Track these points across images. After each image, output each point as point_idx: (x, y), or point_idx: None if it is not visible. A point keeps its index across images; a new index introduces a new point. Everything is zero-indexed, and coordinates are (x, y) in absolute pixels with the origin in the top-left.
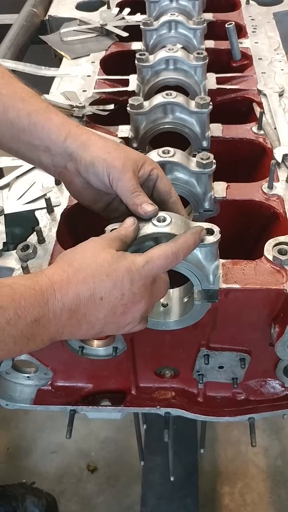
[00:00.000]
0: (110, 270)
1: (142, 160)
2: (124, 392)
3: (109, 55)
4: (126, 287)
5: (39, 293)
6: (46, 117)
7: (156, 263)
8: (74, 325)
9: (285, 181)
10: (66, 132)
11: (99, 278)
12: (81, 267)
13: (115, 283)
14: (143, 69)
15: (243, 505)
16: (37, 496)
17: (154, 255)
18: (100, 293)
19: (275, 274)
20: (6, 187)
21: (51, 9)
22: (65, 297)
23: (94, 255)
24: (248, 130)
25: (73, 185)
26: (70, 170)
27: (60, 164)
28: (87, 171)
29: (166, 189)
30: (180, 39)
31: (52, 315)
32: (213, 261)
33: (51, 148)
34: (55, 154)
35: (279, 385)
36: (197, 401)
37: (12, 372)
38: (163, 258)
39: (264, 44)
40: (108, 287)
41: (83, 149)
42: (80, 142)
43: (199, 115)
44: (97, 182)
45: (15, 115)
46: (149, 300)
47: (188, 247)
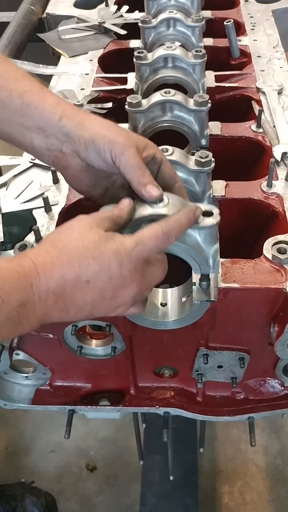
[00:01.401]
0: (96, 253)
1: (144, 142)
2: (123, 391)
3: (107, 53)
4: (114, 270)
5: (22, 276)
6: (39, 96)
7: (147, 244)
8: (61, 309)
9: (284, 179)
10: (60, 111)
11: (84, 261)
12: (66, 248)
13: (101, 266)
14: (142, 67)
15: (243, 504)
16: (36, 495)
17: (144, 236)
18: (86, 276)
19: (274, 273)
20: (4, 186)
21: (49, 7)
22: (50, 280)
23: (81, 236)
24: (247, 128)
25: (70, 169)
26: (66, 153)
27: (55, 146)
28: (87, 149)
29: (171, 173)
30: (179, 37)
31: (37, 298)
32: (213, 244)
33: (45, 129)
34: (49, 135)
35: (279, 385)
36: (196, 401)
37: (10, 372)
38: (153, 239)
39: (263, 41)
40: (94, 270)
41: (81, 128)
42: (77, 121)
43: (198, 113)
44: (98, 160)
45: (7, 95)
46: (142, 283)
47: (180, 226)
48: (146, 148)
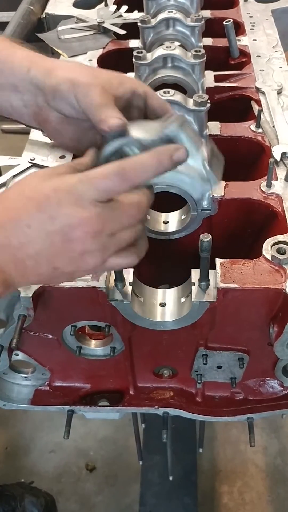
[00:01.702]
0: (32, 192)
1: (119, 78)
2: (122, 392)
3: (106, 53)
4: (53, 209)
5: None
6: (9, 52)
7: (93, 183)
8: (13, 260)
9: (284, 179)
10: (29, 61)
11: (20, 204)
12: (4, 197)
13: (38, 205)
14: (141, 67)
15: (242, 504)
16: (36, 495)
17: (91, 173)
18: (25, 219)
19: (273, 273)
20: (3, 186)
21: (48, 7)
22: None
23: (20, 182)
24: (246, 128)
25: (49, 123)
26: (42, 106)
27: (31, 101)
28: (54, 97)
29: (160, 103)
30: (178, 37)
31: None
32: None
33: (17, 84)
34: (22, 90)
35: (278, 385)
36: (195, 401)
37: (9, 372)
38: (102, 178)
39: (263, 41)
40: (32, 211)
41: (48, 76)
42: (44, 69)
43: (197, 113)
44: (66, 107)
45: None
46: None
47: (143, 168)
48: (122, 84)
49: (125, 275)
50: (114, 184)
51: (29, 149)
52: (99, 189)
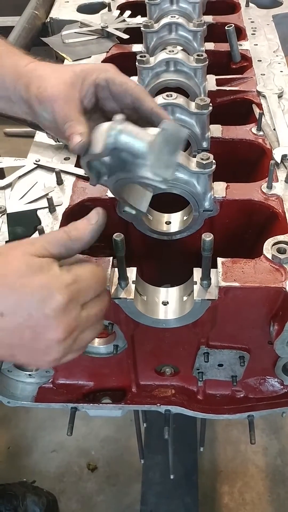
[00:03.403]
0: (16, 284)
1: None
2: (124, 390)
3: (110, 57)
4: (34, 307)
5: None
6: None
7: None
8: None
9: (284, 181)
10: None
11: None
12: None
13: (20, 299)
14: (144, 71)
15: (243, 504)
16: (38, 495)
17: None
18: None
19: (274, 272)
20: (9, 187)
21: (52, 12)
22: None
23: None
24: (248, 131)
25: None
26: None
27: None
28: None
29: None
30: (180, 41)
31: None
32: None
33: (11, 97)
34: (16, 102)
35: (278, 383)
36: (197, 399)
37: (13, 370)
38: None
39: (264, 46)
40: (10, 302)
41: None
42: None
43: (199, 116)
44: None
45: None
46: (71, 329)
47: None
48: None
49: (128, 274)
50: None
51: (34, 151)
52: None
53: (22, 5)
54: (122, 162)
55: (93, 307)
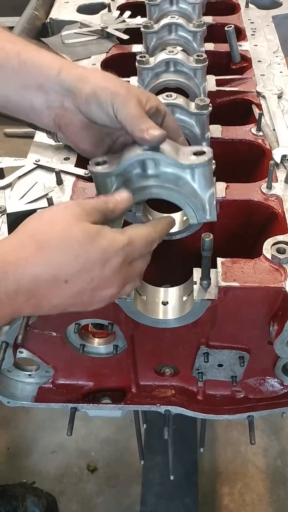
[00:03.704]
0: (80, 251)
1: (146, 94)
2: (124, 390)
3: (110, 57)
4: (97, 271)
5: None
6: (36, 53)
7: (137, 245)
8: (33, 305)
9: (284, 181)
10: (59, 65)
11: (65, 260)
12: (47, 244)
13: (84, 265)
14: (144, 71)
15: (243, 505)
16: (38, 495)
17: (136, 237)
18: (65, 275)
19: (273, 272)
20: (8, 187)
21: (52, 12)
22: (21, 280)
23: (64, 230)
24: (247, 131)
25: (71, 127)
26: (68, 108)
27: (56, 103)
28: (89, 103)
29: (175, 127)
30: (180, 42)
31: (5, 298)
32: (208, 187)
33: (44, 85)
34: (49, 91)
35: (278, 384)
36: (196, 399)
37: (13, 370)
38: (143, 243)
39: (263, 46)
40: (75, 269)
41: (82, 81)
42: (76, 74)
43: (199, 117)
44: (100, 114)
45: (3, 56)
46: (123, 284)
47: (163, 235)
48: (149, 100)
49: None
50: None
51: (34, 151)
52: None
53: (22, 5)
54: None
55: (138, 264)
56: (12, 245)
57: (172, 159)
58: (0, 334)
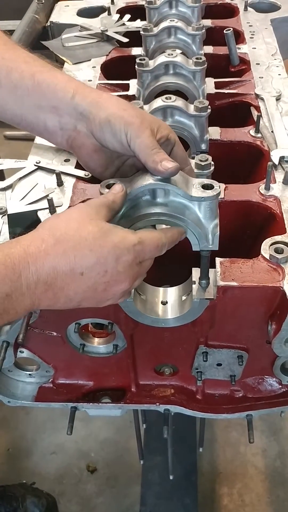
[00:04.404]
0: (94, 245)
1: (158, 123)
2: (124, 389)
3: (109, 60)
4: (110, 265)
5: (10, 268)
6: (50, 75)
7: (147, 246)
8: (50, 297)
9: (282, 182)
10: (73, 88)
11: (81, 252)
12: (64, 238)
13: (98, 258)
14: (143, 74)
15: (242, 505)
16: (37, 496)
17: (147, 238)
18: (80, 268)
19: (271, 272)
20: (9, 188)
21: (52, 16)
22: (41, 270)
23: (79, 227)
24: (246, 133)
25: (84, 149)
26: (81, 132)
27: (69, 125)
28: (102, 129)
29: (183, 156)
30: (179, 45)
31: (25, 288)
32: (213, 219)
33: (58, 107)
34: (63, 114)
35: (277, 383)
36: (196, 398)
37: (14, 370)
38: (154, 245)
39: (262, 49)
40: (90, 262)
41: (96, 107)
42: (91, 99)
43: (198, 119)
44: (113, 141)
45: (18, 77)
46: (133, 280)
47: (173, 242)
48: (160, 129)
49: None
50: (157, 252)
51: (34, 153)
52: (148, 252)
53: (22, 9)
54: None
55: (145, 264)
56: (32, 239)
57: (183, 191)
58: (1, 334)
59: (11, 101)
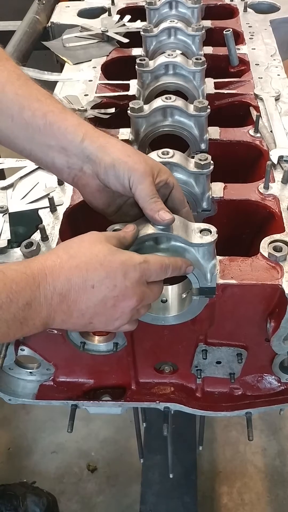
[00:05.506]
0: (104, 260)
1: (158, 167)
2: (124, 387)
3: (110, 60)
4: (119, 279)
5: (30, 277)
6: (61, 117)
7: (152, 266)
8: (65, 311)
9: (281, 181)
10: (83, 132)
11: (92, 266)
12: (76, 254)
13: (108, 273)
14: (143, 74)
15: (242, 504)
16: (38, 495)
17: (151, 258)
18: (92, 280)
19: (270, 270)
20: (10, 187)
21: (53, 16)
22: (56, 281)
23: (91, 246)
24: (245, 133)
25: (88, 188)
26: (87, 172)
27: (76, 166)
28: (107, 173)
29: (181, 198)
30: (179, 45)
31: (43, 298)
32: (210, 260)
33: (67, 149)
34: (71, 155)
35: (275, 381)
36: (195, 396)
37: (15, 368)
38: (158, 265)
39: (261, 50)
40: (100, 276)
41: (103, 151)
42: (98, 144)
43: (198, 118)
44: (116, 184)
45: (30, 115)
46: (141, 299)
47: (177, 268)
48: (159, 174)
49: None
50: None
51: None
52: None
53: (23, 9)
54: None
55: (153, 288)
56: (48, 255)
57: (183, 238)
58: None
59: (21, 136)
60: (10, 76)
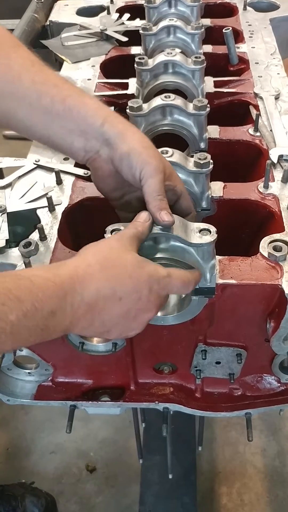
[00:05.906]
0: (133, 273)
1: (170, 170)
2: (123, 387)
3: (109, 59)
4: (144, 292)
5: (58, 286)
6: (80, 101)
7: (174, 280)
8: (88, 319)
9: (280, 181)
10: (103, 116)
11: (122, 278)
12: (107, 264)
13: (135, 286)
14: (142, 73)
15: (241, 505)
16: (37, 495)
17: (174, 273)
18: (120, 292)
19: (270, 270)
20: (9, 187)
21: (52, 15)
22: (86, 291)
23: (120, 256)
24: (245, 132)
25: (100, 171)
26: (102, 156)
27: (93, 149)
28: (121, 160)
29: (188, 205)
30: (179, 44)
31: (69, 307)
32: (210, 260)
33: (87, 132)
34: (90, 138)
35: (275, 381)
36: (195, 397)
37: (13, 368)
38: (180, 280)
39: (261, 49)
40: (129, 288)
41: (121, 138)
42: (118, 130)
43: (197, 117)
44: (127, 172)
45: (49, 102)
46: (157, 310)
47: (196, 283)
48: (170, 177)
49: None
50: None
51: (33, 151)
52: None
53: (22, 8)
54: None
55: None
56: (78, 262)
57: (182, 239)
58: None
59: (40, 123)
60: (25, 63)
